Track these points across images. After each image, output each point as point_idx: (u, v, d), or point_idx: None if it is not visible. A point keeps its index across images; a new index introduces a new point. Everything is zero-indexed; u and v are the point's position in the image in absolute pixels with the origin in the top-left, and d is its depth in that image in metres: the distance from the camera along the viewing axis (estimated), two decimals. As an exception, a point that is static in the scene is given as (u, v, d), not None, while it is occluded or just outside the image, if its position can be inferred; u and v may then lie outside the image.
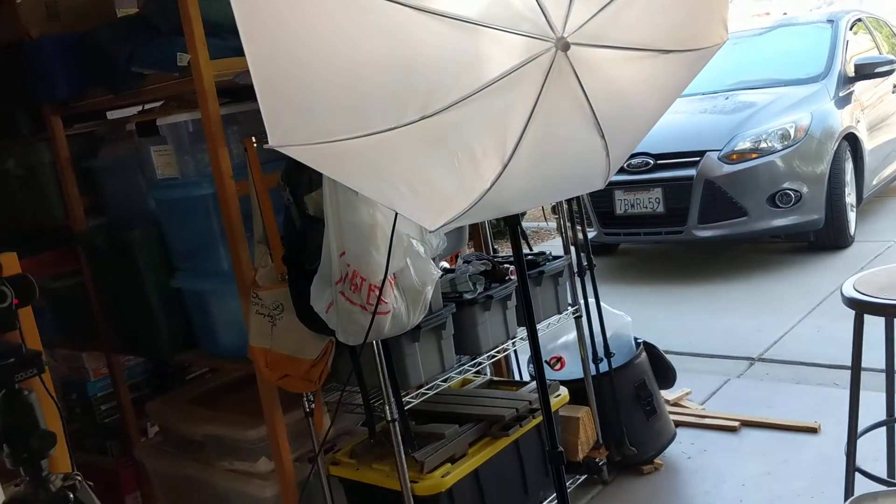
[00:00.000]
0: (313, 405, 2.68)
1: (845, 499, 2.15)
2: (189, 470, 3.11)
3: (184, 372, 3.67)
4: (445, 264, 3.02)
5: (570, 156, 1.50)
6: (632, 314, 3.52)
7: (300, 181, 2.28)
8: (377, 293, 2.10)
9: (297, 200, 2.29)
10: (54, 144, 3.14)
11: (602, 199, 5.98)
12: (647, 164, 5.84)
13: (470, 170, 1.45)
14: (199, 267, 2.85)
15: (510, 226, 1.72)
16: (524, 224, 8.51)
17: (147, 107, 3.21)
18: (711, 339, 4.56)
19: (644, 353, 3.37)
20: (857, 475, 2.35)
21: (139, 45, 2.66)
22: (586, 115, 1.41)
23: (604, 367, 3.21)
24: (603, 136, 1.47)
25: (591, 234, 6.11)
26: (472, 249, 3.52)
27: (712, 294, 5.45)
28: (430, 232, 2.07)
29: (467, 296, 2.72)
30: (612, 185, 5.92)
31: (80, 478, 1.14)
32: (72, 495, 1.10)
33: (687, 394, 3.84)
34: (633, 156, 5.77)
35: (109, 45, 2.74)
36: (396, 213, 1.99)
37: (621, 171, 5.76)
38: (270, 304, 2.47)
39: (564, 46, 1.35)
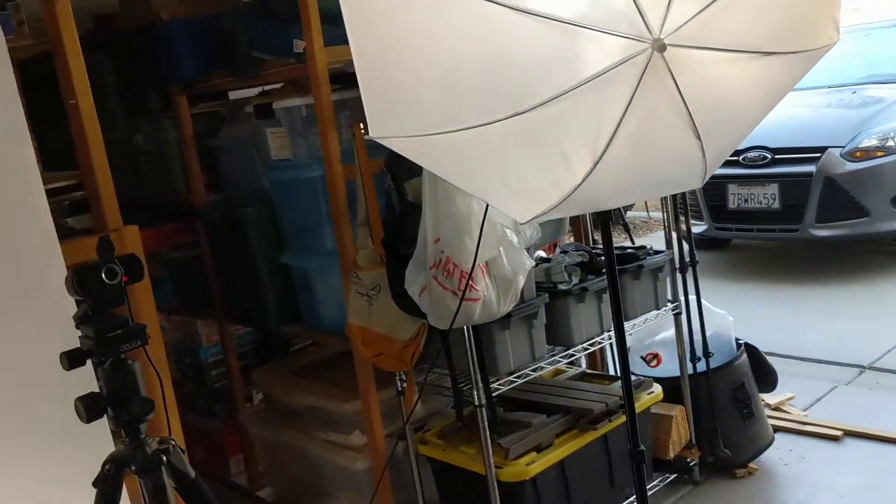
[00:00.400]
0: (405, 384, 2.76)
1: (946, 521, 2.06)
2: (288, 438, 3.26)
3: (288, 344, 3.84)
4: (542, 253, 3.03)
5: (664, 155, 1.50)
6: (739, 313, 3.44)
7: (401, 168, 2.34)
8: (468, 280, 2.14)
9: (398, 186, 2.36)
10: (180, 122, 3.33)
11: (714, 193, 5.81)
12: (764, 158, 5.64)
13: (561, 166, 1.47)
14: (306, 245, 2.98)
15: (601, 222, 1.73)
16: (631, 214, 8.38)
17: (266, 89, 3.35)
18: (821, 343, 4.39)
19: (745, 355, 3.29)
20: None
21: (260, 31, 2.78)
22: (682, 116, 1.40)
23: (701, 366, 3.16)
24: (699, 137, 1.46)
25: (701, 228, 5.97)
26: (572, 239, 3.52)
27: (826, 296, 5.24)
28: (521, 224, 2.09)
29: (562, 286, 2.74)
30: (726, 179, 5.75)
31: (173, 442, 1.24)
32: (165, 458, 1.20)
33: (789, 398, 3.73)
34: (749, 149, 5.59)
35: (233, 30, 2.89)
36: (487, 204, 2.03)
37: (736, 164, 5.61)
38: (369, 285, 2.56)
39: (661, 48, 1.34)
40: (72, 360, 1.15)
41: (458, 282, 2.19)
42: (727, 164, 1.60)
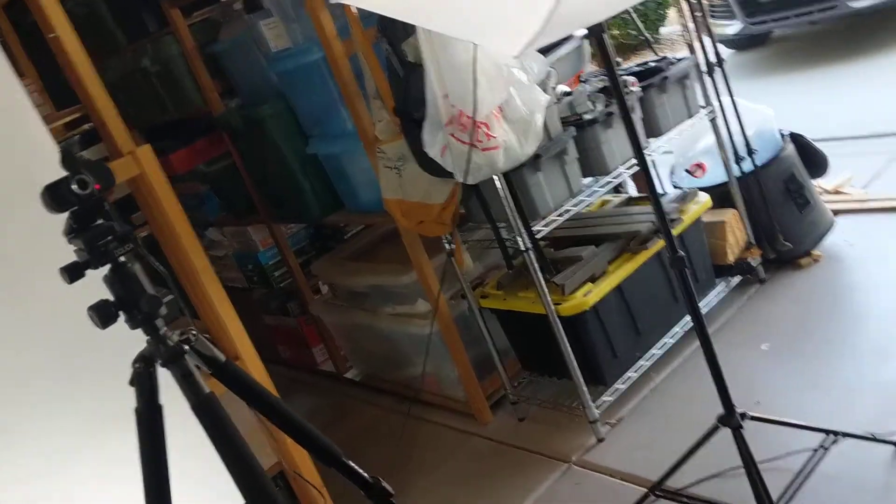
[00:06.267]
0: (454, 246, 2.79)
1: None
2: (359, 318, 3.38)
3: (342, 232, 3.91)
4: (566, 88, 2.95)
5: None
6: (787, 104, 3.32)
7: (395, 29, 2.28)
8: (484, 129, 2.12)
9: (396, 49, 2.31)
10: (179, 36, 3.30)
11: (744, -14, 5.51)
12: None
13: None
14: (327, 131, 2.98)
15: (595, 37, 1.66)
16: (666, 30, 8.04)
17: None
18: (875, 117, 4.20)
19: (791, 145, 3.19)
20: None
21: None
22: None
23: (748, 165, 3.08)
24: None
25: (736, 28, 5.70)
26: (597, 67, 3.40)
27: (871, 70, 4.99)
28: (514, 57, 2.02)
29: (587, 116, 2.68)
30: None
31: (195, 332, 1.30)
32: (188, 347, 1.27)
33: (847, 180, 3.63)
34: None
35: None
36: (476, 45, 1.97)
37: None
38: (394, 157, 2.56)
39: None
40: (71, 273, 1.21)
41: (474, 133, 2.16)
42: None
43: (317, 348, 4.00)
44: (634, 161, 2.78)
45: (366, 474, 1.36)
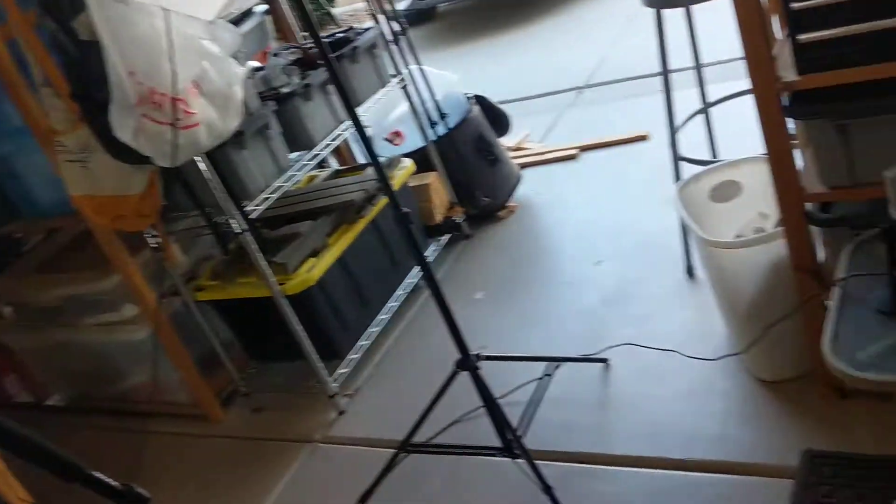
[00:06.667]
0: (160, 239, 2.59)
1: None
2: (56, 336, 3.04)
3: (19, 243, 3.46)
4: (256, 63, 2.86)
5: None
6: (462, 73, 3.51)
7: (62, 6, 2.04)
8: (182, 106, 1.98)
9: (65, 28, 2.06)
10: None
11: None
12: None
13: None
14: (-11, 130, 2.61)
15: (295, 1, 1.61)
16: (338, 10, 8.15)
17: None
18: (541, 78, 4.64)
19: (476, 107, 3.40)
20: (685, 164, 2.52)
21: None
22: None
23: (440, 129, 3.23)
24: None
25: (404, 4, 5.96)
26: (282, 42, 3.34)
27: (535, 35, 5.50)
28: (210, 22, 1.92)
29: (284, 90, 2.62)
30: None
31: None
32: None
33: (526, 136, 3.96)
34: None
35: None
36: (169, 13, 1.83)
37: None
38: (76, 148, 2.30)
39: None
40: None
41: (171, 111, 2.01)
42: None
43: (8, 379, 3.53)
44: (338, 133, 2.79)
45: (115, 483, 1.20)
